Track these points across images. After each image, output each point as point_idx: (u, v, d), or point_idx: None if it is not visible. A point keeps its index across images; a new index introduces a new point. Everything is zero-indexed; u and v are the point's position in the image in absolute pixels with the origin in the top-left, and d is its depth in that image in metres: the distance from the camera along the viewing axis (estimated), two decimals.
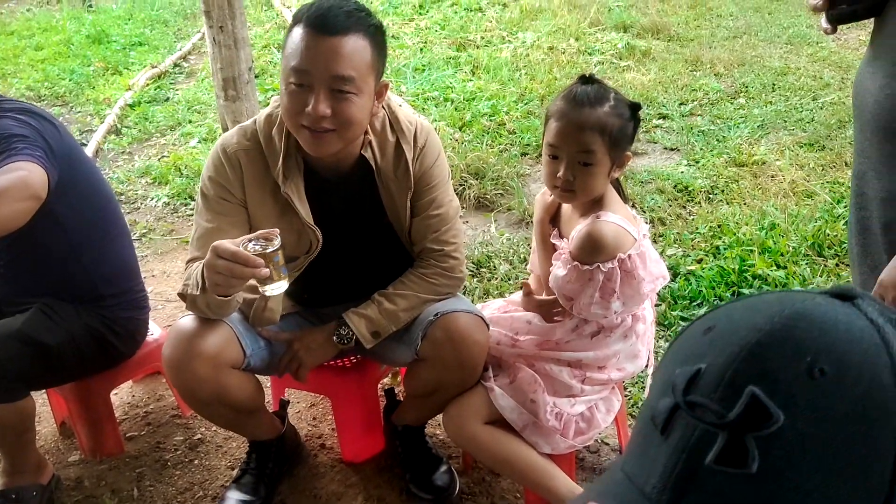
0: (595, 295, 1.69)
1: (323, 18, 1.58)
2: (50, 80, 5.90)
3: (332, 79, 1.58)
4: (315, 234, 1.79)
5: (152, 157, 4.51)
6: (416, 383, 1.89)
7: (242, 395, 1.79)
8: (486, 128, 4.43)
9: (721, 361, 0.50)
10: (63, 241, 1.93)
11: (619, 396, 1.93)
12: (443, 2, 7.28)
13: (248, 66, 3.79)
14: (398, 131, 1.81)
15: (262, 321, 1.83)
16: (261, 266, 1.49)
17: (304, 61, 1.58)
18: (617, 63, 5.53)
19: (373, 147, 1.78)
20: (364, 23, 1.62)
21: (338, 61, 1.57)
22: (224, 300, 1.62)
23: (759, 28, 6.19)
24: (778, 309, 0.52)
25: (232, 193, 1.76)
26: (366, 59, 1.61)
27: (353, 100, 1.61)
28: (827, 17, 1.26)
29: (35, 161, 1.73)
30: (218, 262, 1.49)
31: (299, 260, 1.83)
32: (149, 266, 3.31)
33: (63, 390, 2.13)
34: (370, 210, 1.85)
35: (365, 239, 1.90)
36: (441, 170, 1.86)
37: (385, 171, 1.80)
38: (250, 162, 1.75)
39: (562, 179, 1.68)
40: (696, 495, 0.49)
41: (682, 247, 3.12)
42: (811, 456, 0.46)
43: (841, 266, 2.89)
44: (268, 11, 7.63)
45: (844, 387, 0.47)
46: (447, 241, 1.85)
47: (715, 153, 4.01)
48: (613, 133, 1.66)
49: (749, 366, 0.49)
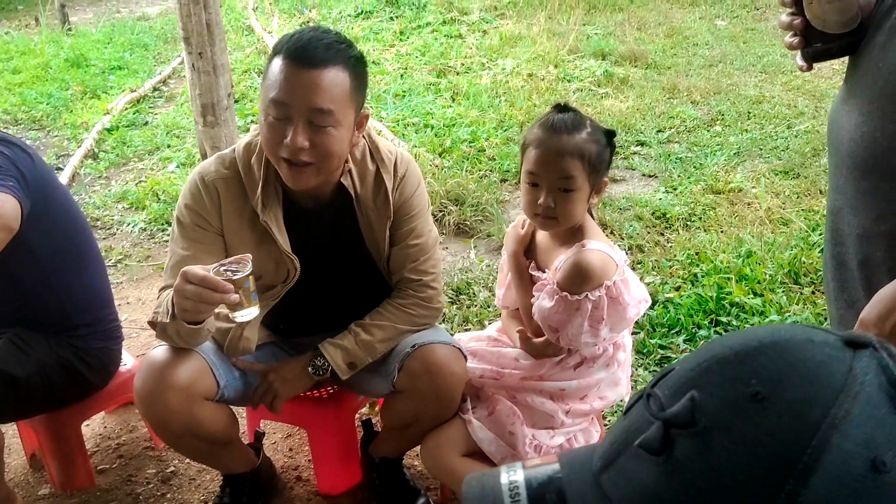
0: (584, 324, 1.69)
1: (302, 51, 1.58)
2: (27, 103, 5.86)
3: (311, 112, 1.58)
4: (293, 263, 1.78)
5: (129, 181, 4.48)
6: (394, 415, 1.87)
7: (216, 427, 1.76)
8: (466, 154, 4.45)
9: (688, 367, 0.55)
10: (36, 270, 1.90)
11: (599, 427, 1.92)
12: (423, 28, 7.35)
13: (228, 92, 3.78)
14: (378, 160, 1.81)
15: (236, 351, 1.81)
16: (230, 292, 1.47)
17: (283, 94, 1.58)
18: (595, 90, 5.59)
19: (352, 175, 1.77)
20: (344, 55, 1.62)
21: (316, 94, 1.57)
22: (194, 328, 1.59)
23: (734, 57, 6.30)
24: (762, 335, 0.55)
25: (208, 222, 1.75)
26: (345, 91, 1.61)
27: (332, 132, 1.61)
28: (802, 54, 1.28)
29: (7, 191, 1.70)
30: (187, 287, 1.47)
31: (276, 289, 1.81)
32: (123, 293, 3.27)
33: (33, 422, 2.09)
34: (349, 239, 1.84)
35: (343, 268, 1.89)
36: (421, 199, 1.85)
37: (364, 200, 1.79)
38: (228, 190, 1.74)
39: (543, 206, 1.68)
40: (615, 471, 0.56)
41: (660, 274, 3.13)
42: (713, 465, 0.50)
43: (817, 294, 2.92)
44: (248, 36, 7.65)
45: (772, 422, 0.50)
46: (426, 271, 1.84)
47: (692, 180, 4.05)
48: (592, 158, 1.67)
49: (704, 375, 0.54)
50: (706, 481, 0.51)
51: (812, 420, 0.49)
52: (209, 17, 3.58)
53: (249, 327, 1.82)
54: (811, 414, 0.49)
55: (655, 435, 0.52)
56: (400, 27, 7.39)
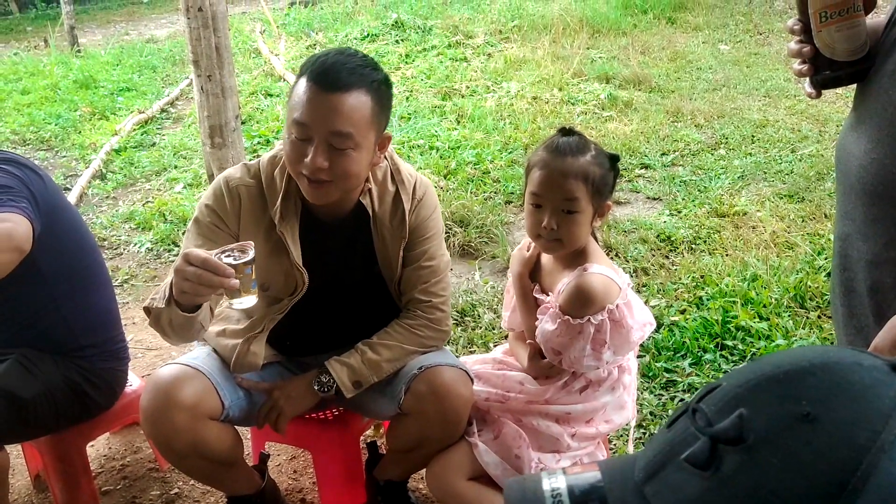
0: (587, 347, 1.69)
1: (325, 75, 1.61)
2: (36, 124, 5.91)
3: (331, 134, 1.62)
4: (302, 277, 1.80)
5: (137, 202, 4.50)
6: (399, 438, 1.86)
7: (221, 447, 1.76)
8: (471, 176, 4.47)
9: (735, 384, 0.56)
10: (44, 292, 1.90)
11: (605, 451, 1.91)
12: (429, 51, 7.41)
13: (235, 114, 3.81)
14: (399, 182, 1.85)
15: (243, 366, 1.82)
16: (231, 276, 1.47)
17: (304, 115, 1.62)
18: (599, 113, 5.62)
19: (372, 195, 1.81)
20: (367, 78, 1.65)
21: (337, 118, 1.61)
22: (188, 317, 1.58)
23: (737, 81, 6.33)
24: (811, 356, 0.56)
25: (225, 223, 1.77)
26: (366, 115, 1.64)
27: (351, 154, 1.64)
28: (811, 81, 1.29)
29: (20, 212, 1.72)
30: (188, 268, 1.47)
31: (283, 302, 1.82)
32: (129, 313, 3.27)
33: (38, 443, 2.08)
34: (362, 257, 1.86)
35: (353, 286, 1.90)
36: (436, 223, 1.89)
37: (381, 219, 1.83)
38: (250, 198, 1.78)
39: (546, 228, 1.69)
40: (659, 482, 0.56)
41: (665, 297, 3.13)
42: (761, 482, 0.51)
43: (823, 318, 2.91)
44: (256, 59, 7.73)
45: (821, 442, 0.50)
46: (436, 294, 1.86)
47: (696, 203, 4.06)
48: (596, 181, 1.68)
49: (752, 393, 0.55)
50: (753, 498, 0.51)
51: (861, 442, 0.50)
52: (218, 40, 3.63)
53: (256, 342, 1.83)
54: (860, 436, 0.50)
55: (703, 449, 0.53)
56: (405, 50, 7.45)
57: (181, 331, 1.65)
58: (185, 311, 1.57)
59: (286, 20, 9.48)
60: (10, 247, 1.68)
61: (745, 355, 2.69)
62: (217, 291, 1.52)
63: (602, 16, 8.33)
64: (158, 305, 1.61)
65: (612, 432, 1.99)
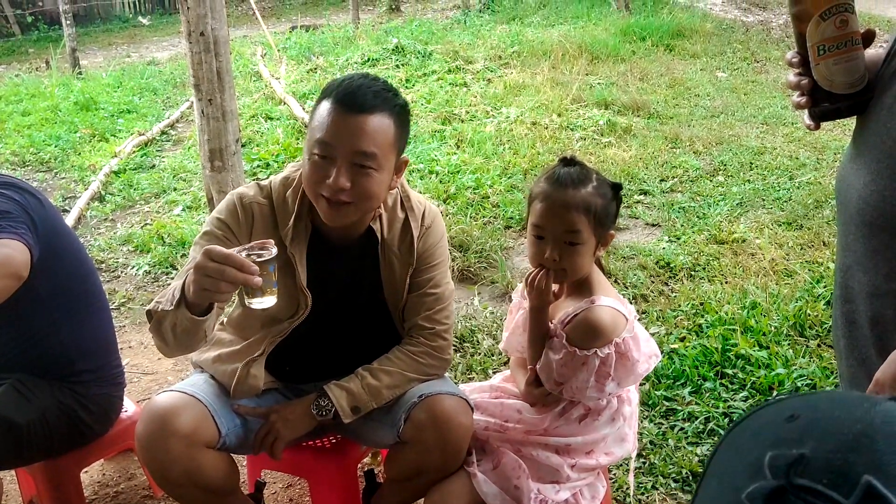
0: (590, 380, 1.68)
1: (352, 97, 1.64)
2: (36, 145, 5.92)
3: (355, 154, 1.64)
4: (305, 300, 1.79)
5: (135, 224, 4.50)
6: (398, 466, 1.84)
7: (216, 476, 1.74)
8: (470, 200, 4.48)
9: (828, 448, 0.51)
10: (42, 316, 1.89)
11: (605, 482, 1.89)
12: (429, 76, 7.45)
13: (236, 137, 3.82)
14: (408, 209, 1.86)
15: (244, 390, 1.80)
16: (256, 273, 1.44)
17: (329, 135, 1.64)
18: (598, 139, 5.64)
19: (382, 220, 1.83)
20: (390, 102, 1.69)
21: (362, 138, 1.64)
22: (195, 321, 1.53)
23: (735, 108, 6.37)
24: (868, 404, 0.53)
25: (236, 237, 1.77)
26: (388, 137, 1.68)
27: (373, 175, 1.67)
28: (810, 113, 1.29)
29: (18, 238, 1.71)
30: (210, 264, 1.43)
31: (284, 324, 1.81)
32: (126, 337, 3.25)
33: (32, 469, 2.06)
34: (368, 283, 1.87)
35: (356, 312, 1.90)
36: (443, 251, 1.90)
37: (390, 245, 1.83)
38: (262, 216, 1.79)
39: (549, 260, 1.69)
40: None
41: (665, 325, 3.12)
42: None
43: (823, 347, 2.90)
44: (257, 82, 7.76)
45: None
46: (439, 321, 1.85)
47: (695, 230, 4.07)
48: (598, 212, 1.68)
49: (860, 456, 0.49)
50: None
51: None
52: (219, 64, 3.64)
53: (256, 365, 1.81)
54: None
55: None
56: (406, 75, 7.50)
57: (184, 337, 1.59)
58: (196, 313, 1.54)
59: (287, 44, 9.55)
60: (8, 273, 1.68)
61: (745, 384, 2.68)
62: (237, 289, 1.49)
63: (601, 42, 8.40)
64: (165, 308, 1.56)
65: (612, 464, 1.97)
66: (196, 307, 1.53)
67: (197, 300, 1.51)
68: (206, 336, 1.64)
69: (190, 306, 1.53)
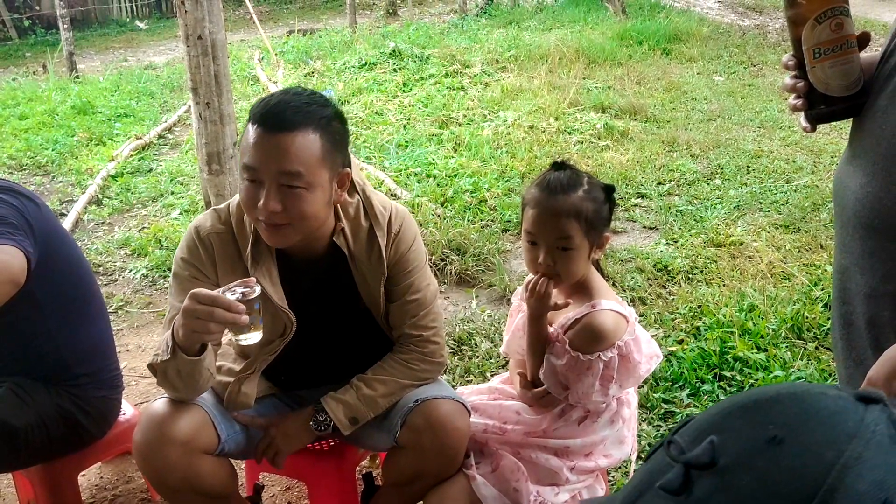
0: (595, 384, 1.68)
1: (271, 116, 1.59)
2: (33, 149, 5.91)
3: (280, 174, 1.59)
4: (289, 318, 1.78)
5: (132, 228, 4.49)
6: (395, 471, 1.84)
7: (215, 482, 1.73)
8: (468, 204, 4.48)
9: (708, 415, 0.60)
10: (39, 320, 1.89)
11: (603, 485, 1.89)
12: (426, 80, 7.46)
13: (233, 141, 3.82)
14: (371, 217, 1.81)
15: (236, 405, 1.80)
16: (242, 312, 1.47)
17: (252, 158, 1.60)
18: (596, 143, 5.65)
19: (345, 233, 1.78)
20: (314, 116, 1.61)
21: (284, 158, 1.58)
22: (195, 362, 1.57)
23: (732, 112, 6.39)
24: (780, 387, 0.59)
25: (204, 274, 1.76)
26: (314, 153, 1.61)
27: (304, 195, 1.61)
28: (806, 116, 1.30)
29: (15, 245, 1.71)
30: (198, 307, 1.46)
31: (274, 343, 1.81)
32: (124, 340, 3.25)
33: (29, 472, 2.05)
34: (345, 295, 1.84)
35: (341, 322, 1.89)
36: (417, 255, 1.85)
37: (359, 257, 1.80)
38: (223, 245, 1.76)
39: (543, 265, 1.69)
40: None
41: (662, 327, 3.13)
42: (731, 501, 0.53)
43: (821, 349, 2.91)
44: (254, 86, 7.77)
45: (789, 461, 0.53)
46: (426, 326, 1.84)
47: (693, 233, 4.07)
48: (589, 217, 1.68)
49: (724, 421, 0.58)
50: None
51: (827, 460, 0.52)
52: (217, 68, 3.65)
53: (248, 382, 1.81)
54: (826, 455, 0.52)
55: (676, 476, 0.56)
56: (403, 79, 7.50)
57: (190, 380, 1.62)
58: (191, 355, 1.56)
59: (284, 48, 9.55)
60: (5, 279, 1.68)
61: (743, 386, 2.68)
62: (226, 329, 1.51)
63: (598, 47, 8.42)
64: (163, 358, 1.59)
65: (611, 467, 1.97)
66: (190, 350, 1.56)
67: (188, 343, 1.54)
68: (212, 373, 1.68)
69: (184, 350, 1.56)
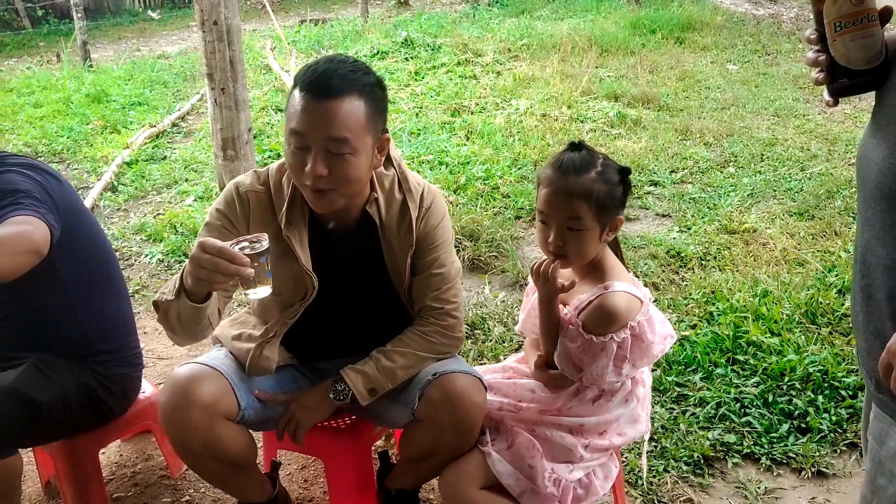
0: (609, 365, 1.69)
1: (317, 83, 1.64)
2: (48, 137, 5.96)
3: (328, 140, 1.63)
4: (312, 282, 1.81)
5: (148, 214, 4.53)
6: (412, 445, 1.86)
7: (235, 449, 1.77)
8: (481, 191, 4.49)
9: None
10: (62, 297, 1.92)
11: (617, 463, 1.90)
12: (438, 69, 7.46)
13: (248, 126, 3.84)
14: (406, 190, 1.86)
15: (257, 369, 1.84)
16: (247, 265, 1.48)
17: (300, 124, 1.64)
18: (609, 131, 5.64)
19: (378, 203, 1.83)
20: (359, 83, 1.67)
21: (332, 124, 1.63)
22: (197, 308, 1.60)
23: (746, 100, 6.35)
24: None
25: (235, 227, 1.80)
26: (360, 119, 1.66)
27: (350, 160, 1.66)
28: (828, 90, 1.30)
29: (39, 216, 1.73)
30: (203, 256, 1.48)
31: (294, 306, 1.84)
32: (141, 323, 3.28)
33: (50, 448, 2.09)
34: (371, 265, 1.88)
35: (364, 293, 1.91)
36: (445, 231, 1.89)
37: (389, 227, 1.84)
38: (259, 204, 1.81)
39: (553, 245, 1.71)
40: None
41: (676, 312, 3.13)
42: None
43: (835, 334, 2.91)
44: (266, 75, 7.79)
45: None
46: (447, 300, 1.86)
47: (706, 220, 4.07)
48: (600, 198, 1.69)
49: None
50: None
51: None
52: (232, 53, 3.66)
53: (269, 346, 1.84)
54: None
55: None
56: (415, 67, 7.51)
57: (189, 324, 1.66)
58: (195, 301, 1.59)
59: (296, 37, 9.56)
60: (27, 249, 1.70)
61: (757, 370, 2.69)
62: (232, 280, 1.52)
63: (610, 35, 8.39)
64: (168, 298, 1.63)
65: (624, 445, 1.99)
66: (195, 296, 1.59)
67: (195, 289, 1.57)
68: (211, 323, 1.70)
69: (189, 295, 1.59)
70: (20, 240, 1.69)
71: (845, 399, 2.53)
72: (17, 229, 1.69)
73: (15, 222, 1.69)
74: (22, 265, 1.71)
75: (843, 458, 2.34)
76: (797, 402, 2.52)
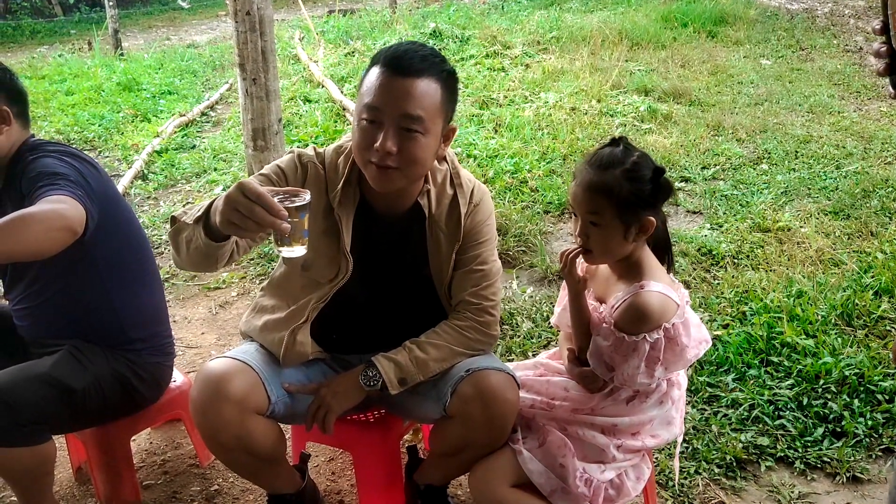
0: (640, 365, 1.67)
1: (399, 60, 1.66)
2: (80, 124, 6.02)
3: (402, 117, 1.65)
4: (346, 264, 1.81)
5: (177, 202, 4.56)
6: (443, 441, 1.85)
7: (265, 443, 1.76)
8: (509, 185, 4.46)
9: None
10: (97, 284, 1.93)
11: (649, 464, 1.88)
12: (466, 61, 7.43)
13: (278, 117, 3.85)
14: (457, 185, 1.87)
15: (292, 357, 1.84)
16: (285, 218, 1.38)
17: (377, 99, 1.65)
18: (639, 125, 5.58)
19: (430, 196, 1.84)
20: (438, 67, 1.70)
21: (408, 101, 1.65)
22: (210, 245, 1.53)
23: (780, 96, 6.25)
24: None
25: (288, 184, 1.80)
26: (435, 101, 1.68)
27: (420, 139, 1.67)
28: (891, 81, 1.27)
29: (75, 198, 1.74)
30: (240, 198, 1.38)
31: (325, 288, 1.83)
32: (170, 311, 3.28)
33: (83, 435, 2.10)
34: (413, 257, 1.87)
35: (400, 284, 1.91)
36: (490, 229, 1.90)
37: (437, 220, 1.84)
38: (315, 176, 1.82)
39: (576, 237, 1.73)
40: None
41: (708, 311, 3.09)
42: None
43: (871, 337, 2.85)
44: (295, 65, 7.81)
45: None
46: (486, 297, 1.86)
47: (738, 218, 4.01)
48: (623, 196, 1.65)
49: None
50: None
51: None
52: (264, 44, 3.67)
53: (302, 331, 1.83)
54: None
55: None
56: None
57: (196, 254, 1.59)
58: (213, 238, 1.53)
59: (325, 28, 9.58)
60: (62, 226, 1.70)
61: (791, 372, 2.64)
62: (266, 230, 1.41)
63: (641, 29, 8.30)
64: (187, 220, 1.58)
65: (658, 447, 1.96)
66: (215, 233, 1.52)
67: (221, 229, 1.46)
68: (218, 263, 1.62)
69: (209, 229, 1.52)
70: (56, 216, 1.69)
71: (881, 403, 2.48)
72: (53, 206, 1.70)
73: (50, 200, 1.70)
74: (56, 242, 1.71)
75: (878, 464, 2.29)
76: (832, 406, 2.47)
